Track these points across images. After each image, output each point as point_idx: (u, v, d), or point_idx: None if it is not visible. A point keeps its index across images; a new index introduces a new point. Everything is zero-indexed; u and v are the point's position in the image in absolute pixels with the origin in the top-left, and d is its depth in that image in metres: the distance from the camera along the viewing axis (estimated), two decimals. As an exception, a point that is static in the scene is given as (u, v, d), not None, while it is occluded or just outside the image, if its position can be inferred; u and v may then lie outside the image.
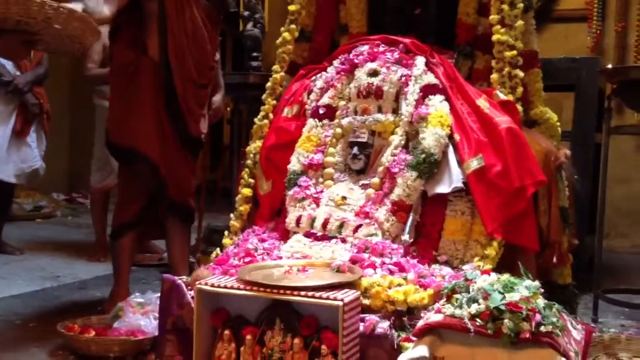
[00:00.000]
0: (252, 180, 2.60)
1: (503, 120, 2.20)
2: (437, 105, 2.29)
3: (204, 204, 3.26)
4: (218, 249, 2.47)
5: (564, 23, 4.72)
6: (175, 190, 2.65)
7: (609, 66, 3.57)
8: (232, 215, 2.60)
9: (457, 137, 2.23)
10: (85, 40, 2.24)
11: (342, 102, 2.50)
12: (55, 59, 4.18)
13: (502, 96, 2.31)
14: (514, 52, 2.34)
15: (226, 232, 2.54)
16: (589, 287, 3.02)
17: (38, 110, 4.08)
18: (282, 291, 1.76)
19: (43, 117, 4.15)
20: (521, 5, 2.38)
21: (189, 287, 2.01)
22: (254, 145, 2.64)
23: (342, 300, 1.68)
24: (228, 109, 6.27)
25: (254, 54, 3.72)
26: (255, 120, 2.70)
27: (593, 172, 3.40)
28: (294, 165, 2.43)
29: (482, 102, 2.28)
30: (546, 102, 2.69)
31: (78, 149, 6.36)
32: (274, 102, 2.71)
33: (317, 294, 1.73)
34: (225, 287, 1.84)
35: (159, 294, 2.16)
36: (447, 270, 2.01)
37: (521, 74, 2.35)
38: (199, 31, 2.75)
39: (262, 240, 2.29)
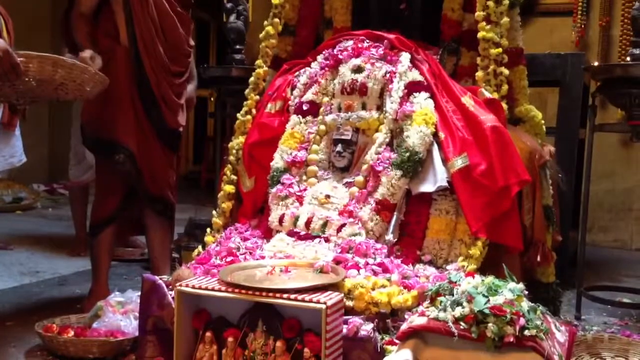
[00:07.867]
0: (234, 177, 2.56)
1: (488, 119, 2.18)
2: (422, 103, 2.27)
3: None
4: (200, 247, 2.43)
5: (548, 17, 4.72)
6: (153, 183, 2.60)
7: (594, 63, 3.56)
8: (214, 212, 2.56)
9: (441, 135, 2.21)
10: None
11: (326, 99, 2.48)
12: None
13: (488, 94, 2.29)
14: (499, 49, 2.32)
15: (208, 230, 2.50)
16: (572, 283, 3.02)
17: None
18: (264, 293, 1.74)
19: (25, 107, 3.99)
20: (507, 1, 2.36)
21: (170, 287, 1.98)
22: (237, 142, 2.60)
23: (325, 303, 1.66)
24: (212, 99, 6.20)
25: (237, 47, 3.66)
26: (238, 115, 2.66)
27: (577, 168, 3.40)
28: (277, 162, 2.40)
29: (467, 100, 2.26)
30: (531, 97, 2.67)
31: (58, 138, 6.25)
32: (257, 97, 2.68)
33: (300, 297, 1.70)
34: (206, 288, 1.81)
35: (139, 293, 2.11)
36: (431, 271, 2.00)
37: (506, 71, 2.33)
38: (167, 17, 2.69)
39: (245, 239, 2.26)
